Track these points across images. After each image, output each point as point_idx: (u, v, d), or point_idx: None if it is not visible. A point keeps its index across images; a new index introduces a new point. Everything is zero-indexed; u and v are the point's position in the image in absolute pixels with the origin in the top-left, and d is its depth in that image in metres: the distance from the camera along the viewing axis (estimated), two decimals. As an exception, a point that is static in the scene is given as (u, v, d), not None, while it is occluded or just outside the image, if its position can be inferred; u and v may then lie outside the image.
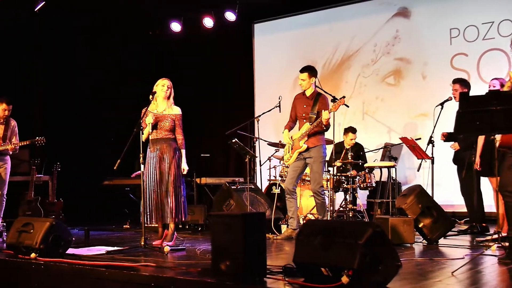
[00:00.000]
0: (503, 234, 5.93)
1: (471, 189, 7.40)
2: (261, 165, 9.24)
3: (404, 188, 8.93)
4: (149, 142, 6.37)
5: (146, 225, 6.10)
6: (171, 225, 6.32)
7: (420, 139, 8.41)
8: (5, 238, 6.83)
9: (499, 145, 4.99)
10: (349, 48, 10.50)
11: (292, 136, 7.20)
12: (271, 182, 9.13)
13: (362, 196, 9.09)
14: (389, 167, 8.60)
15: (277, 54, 11.40)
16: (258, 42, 11.74)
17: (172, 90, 6.46)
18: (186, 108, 6.74)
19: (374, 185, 8.72)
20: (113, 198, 10.48)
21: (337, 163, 8.41)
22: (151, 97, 6.31)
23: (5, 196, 7.86)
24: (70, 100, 11.18)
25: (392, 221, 6.14)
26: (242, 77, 11.72)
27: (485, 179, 7.23)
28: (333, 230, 3.80)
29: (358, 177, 8.53)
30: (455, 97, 7.57)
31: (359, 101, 10.24)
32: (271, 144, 9.22)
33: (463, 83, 7.59)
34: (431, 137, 7.67)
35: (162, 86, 6.38)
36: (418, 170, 8.00)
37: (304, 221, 8.21)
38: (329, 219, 7.32)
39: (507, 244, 5.15)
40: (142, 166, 5.99)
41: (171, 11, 11.35)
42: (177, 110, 6.45)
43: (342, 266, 3.59)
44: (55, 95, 11.05)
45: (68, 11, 10.77)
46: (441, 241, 6.41)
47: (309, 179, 8.43)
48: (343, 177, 8.42)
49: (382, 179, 8.98)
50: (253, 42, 11.78)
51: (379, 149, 9.34)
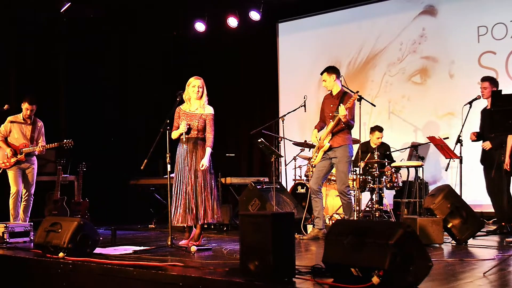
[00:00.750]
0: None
1: (500, 189, 7.28)
2: (286, 165, 9.21)
3: (431, 188, 8.86)
4: (179, 141, 6.36)
5: (173, 225, 6.10)
6: (197, 225, 6.30)
7: (448, 138, 8.31)
8: (32, 238, 6.89)
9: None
10: (375, 47, 10.41)
11: (320, 136, 7.16)
12: (297, 182, 9.09)
13: (388, 196, 9.01)
14: (416, 167, 8.51)
15: (302, 53, 11.34)
16: (282, 41, 11.69)
17: (205, 89, 6.42)
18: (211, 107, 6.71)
19: (400, 184, 8.64)
20: (138, 197, 10.53)
21: (362, 164, 8.35)
22: (178, 98, 6.30)
23: (32, 196, 7.93)
24: (95, 99, 11.25)
25: (420, 221, 6.08)
26: (266, 77, 11.68)
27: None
28: (363, 230, 3.75)
29: (384, 176, 8.46)
30: (483, 95, 7.48)
31: (385, 100, 10.15)
32: (296, 144, 9.18)
33: (492, 81, 7.49)
34: (459, 136, 7.58)
35: (193, 87, 6.35)
36: (446, 170, 7.91)
37: (330, 221, 8.17)
38: (355, 219, 7.27)
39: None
40: (169, 166, 5.99)
41: (196, 11, 11.36)
42: (209, 110, 6.42)
43: (373, 267, 3.54)
44: (80, 94, 11.12)
45: (93, 12, 10.85)
46: (470, 241, 6.32)
47: (334, 178, 8.40)
48: (369, 177, 8.35)
49: (409, 179, 8.89)
50: (277, 42, 11.73)
51: (406, 148, 9.25)
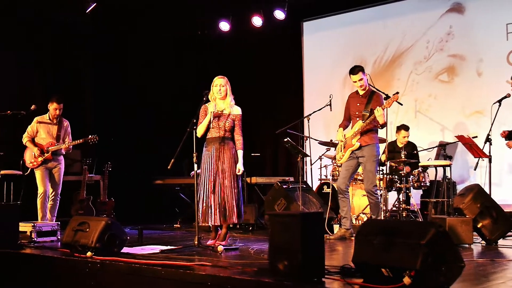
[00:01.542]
0: None
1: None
2: (311, 164, 9.16)
3: (459, 187, 8.76)
4: (205, 141, 6.34)
5: (199, 224, 6.09)
6: (225, 225, 6.29)
7: (476, 137, 8.19)
8: (59, 237, 6.93)
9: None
10: (401, 45, 10.30)
11: (345, 135, 7.11)
12: (322, 181, 9.04)
13: (415, 196, 8.91)
14: (444, 166, 8.41)
15: (326, 52, 11.27)
16: (307, 40, 11.63)
17: (229, 88, 6.37)
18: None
19: (428, 184, 8.55)
20: (164, 197, 10.55)
21: (388, 163, 8.27)
22: (204, 98, 6.29)
23: (59, 196, 7.97)
24: (119, 99, 11.32)
25: (449, 221, 6.00)
26: (291, 76, 11.64)
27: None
28: (394, 230, 3.71)
29: (411, 176, 8.37)
30: (514, 93, 7.38)
31: (412, 98, 10.03)
32: (322, 143, 9.13)
33: (522, 79, 7.39)
34: (488, 135, 7.47)
35: (216, 86, 6.33)
36: (475, 169, 7.79)
37: (357, 220, 8.12)
38: (382, 219, 7.20)
39: None
40: (196, 165, 5.97)
41: (220, 11, 11.35)
42: (237, 110, 6.39)
43: (404, 267, 3.51)
44: (105, 95, 11.20)
45: (117, 12, 10.91)
46: (500, 241, 6.25)
47: (360, 178, 8.34)
48: (396, 176, 8.27)
49: (437, 178, 8.78)
50: (301, 41, 11.67)
51: (433, 147, 9.14)
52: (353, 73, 7.05)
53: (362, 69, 7.08)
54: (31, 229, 6.79)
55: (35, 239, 6.75)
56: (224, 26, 11.51)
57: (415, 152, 8.96)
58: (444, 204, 8.35)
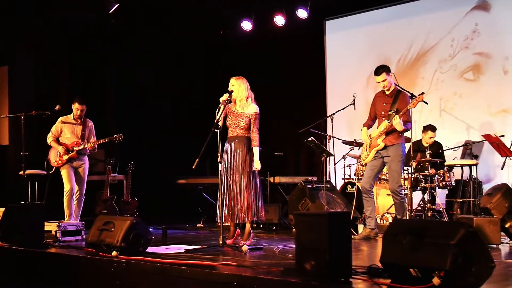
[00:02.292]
0: None
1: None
2: (335, 164, 9.10)
3: (485, 187, 8.63)
4: (225, 141, 6.35)
5: (226, 223, 6.08)
6: (247, 224, 6.28)
7: (503, 136, 8.08)
8: (84, 236, 6.96)
9: None
10: (425, 43, 10.19)
11: (370, 134, 7.05)
12: (346, 181, 8.98)
13: (440, 195, 8.80)
14: (470, 165, 8.30)
15: (349, 51, 11.20)
16: (330, 39, 11.56)
17: (243, 86, 6.35)
18: (258, 106, 6.64)
19: (453, 184, 8.44)
20: (187, 196, 10.56)
21: (413, 163, 8.19)
22: (227, 96, 6.28)
23: (83, 195, 8.01)
24: (142, 100, 11.36)
25: (477, 221, 5.93)
26: (313, 75, 11.57)
27: None
28: (423, 230, 3.66)
29: (437, 175, 8.27)
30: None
31: (436, 97, 9.91)
32: (346, 143, 9.07)
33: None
34: (515, 133, 7.37)
35: (232, 85, 6.35)
36: (502, 168, 7.71)
37: (381, 220, 8.06)
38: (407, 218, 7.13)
39: None
40: (220, 165, 5.97)
41: (242, 10, 11.34)
42: (253, 109, 6.38)
43: (433, 267, 3.46)
44: (127, 95, 11.24)
45: (140, 12, 10.95)
46: (529, 242, 6.16)
47: (385, 177, 8.27)
48: (421, 176, 8.19)
49: (463, 178, 8.67)
50: (324, 40, 11.61)
51: (459, 146, 9.04)
52: (376, 74, 6.98)
53: (386, 69, 6.97)
54: (56, 229, 6.82)
55: (60, 238, 6.78)
56: (247, 25, 11.48)
57: (440, 151, 8.85)
58: (470, 204, 8.24)
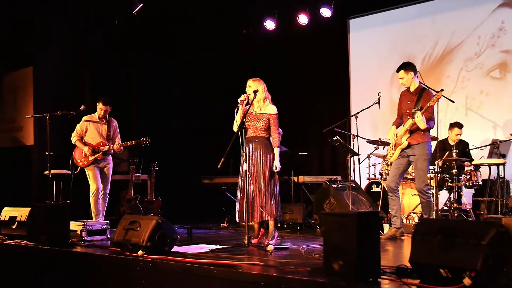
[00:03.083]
0: None
1: None
2: (360, 163, 9.04)
3: (513, 186, 8.53)
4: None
5: (244, 223, 6.07)
6: (270, 224, 6.26)
7: (532, 135, 7.97)
8: (109, 236, 6.98)
9: None
10: (451, 42, 10.08)
11: (396, 133, 6.97)
12: (371, 180, 8.91)
13: (466, 195, 8.69)
14: (498, 165, 8.18)
15: (373, 49, 11.12)
16: (354, 38, 11.50)
17: (260, 88, 6.31)
18: (281, 106, 6.61)
19: (480, 183, 8.33)
20: (211, 196, 10.56)
21: (439, 162, 8.09)
22: (244, 97, 6.26)
23: (108, 195, 8.04)
24: (166, 99, 11.38)
25: (506, 221, 5.78)
26: (337, 74, 11.51)
27: None
28: (453, 229, 3.61)
29: (463, 175, 8.17)
30: None
31: (462, 96, 9.80)
32: (370, 142, 9.00)
33: None
34: (543, 132, 7.25)
35: (250, 87, 6.33)
36: (530, 168, 7.58)
37: (407, 220, 7.98)
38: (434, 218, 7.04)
39: None
40: (245, 164, 5.95)
41: (265, 9, 11.31)
42: (272, 109, 6.36)
43: (464, 268, 3.42)
44: (152, 94, 11.28)
45: (165, 12, 10.98)
46: (559, 242, 6.03)
47: (410, 177, 8.19)
48: (447, 175, 8.09)
49: (490, 177, 8.55)
50: (348, 38, 11.54)
51: (486, 145, 8.92)
52: (397, 71, 6.94)
53: (406, 66, 6.87)
54: (81, 228, 6.85)
55: (85, 237, 6.80)
56: (270, 24, 11.44)
57: (467, 150, 8.75)
58: (498, 203, 8.13)
